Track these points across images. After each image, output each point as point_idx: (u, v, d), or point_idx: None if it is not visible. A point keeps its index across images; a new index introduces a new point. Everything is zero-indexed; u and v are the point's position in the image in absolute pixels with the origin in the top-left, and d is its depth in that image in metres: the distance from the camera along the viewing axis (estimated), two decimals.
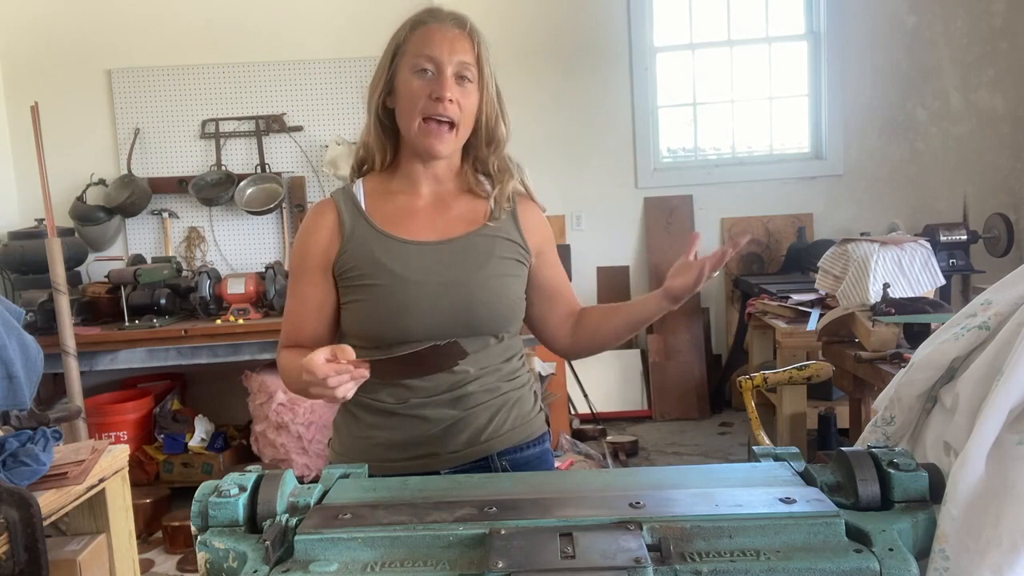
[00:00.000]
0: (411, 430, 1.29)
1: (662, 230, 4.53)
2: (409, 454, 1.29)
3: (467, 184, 1.37)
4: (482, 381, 1.31)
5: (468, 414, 1.30)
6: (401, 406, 1.29)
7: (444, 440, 1.29)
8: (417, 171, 1.35)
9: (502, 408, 1.33)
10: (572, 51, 4.40)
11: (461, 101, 1.28)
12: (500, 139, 1.36)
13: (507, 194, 1.36)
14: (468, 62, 1.28)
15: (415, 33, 1.29)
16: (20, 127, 3.92)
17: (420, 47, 1.28)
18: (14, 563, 1.41)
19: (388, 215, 1.33)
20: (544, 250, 1.41)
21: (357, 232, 1.31)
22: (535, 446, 1.37)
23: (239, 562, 0.79)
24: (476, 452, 1.30)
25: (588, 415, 4.26)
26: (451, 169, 1.37)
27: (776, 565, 0.72)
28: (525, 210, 1.40)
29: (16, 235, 3.81)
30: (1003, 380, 0.85)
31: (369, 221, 1.32)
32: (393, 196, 1.35)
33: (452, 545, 0.77)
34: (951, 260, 3.68)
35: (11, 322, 2.05)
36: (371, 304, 1.28)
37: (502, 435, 1.32)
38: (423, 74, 1.27)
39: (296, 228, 4.21)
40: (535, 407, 1.41)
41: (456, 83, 1.27)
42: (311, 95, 4.23)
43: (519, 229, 1.37)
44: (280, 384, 3.46)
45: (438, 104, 1.26)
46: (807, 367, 2.46)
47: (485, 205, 1.36)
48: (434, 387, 1.28)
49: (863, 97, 4.46)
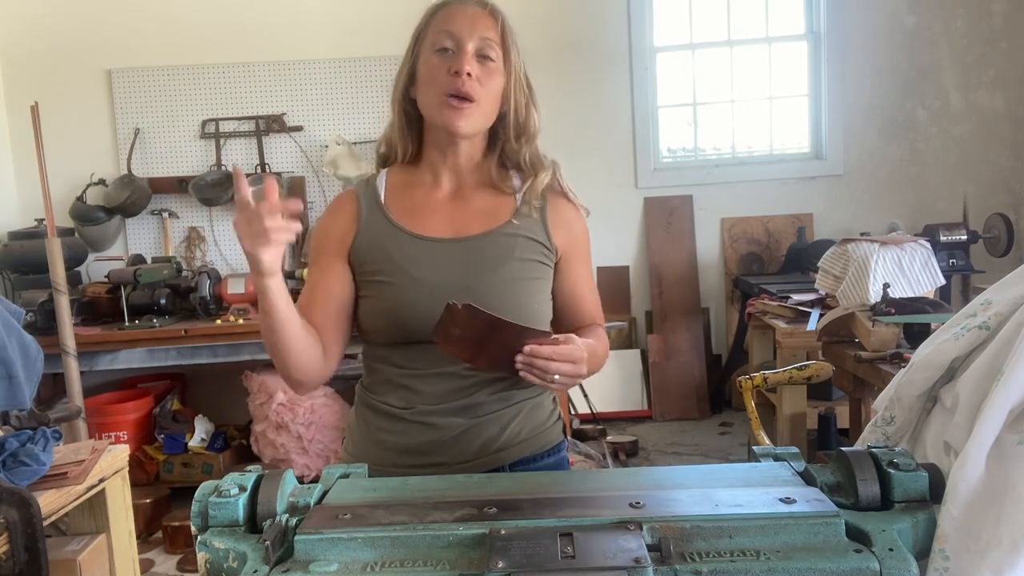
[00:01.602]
0: (419, 436, 1.25)
1: (662, 230, 4.53)
2: (418, 461, 1.24)
3: (489, 178, 1.31)
4: (493, 389, 1.24)
5: (479, 423, 1.24)
6: (408, 411, 1.25)
7: (454, 449, 1.24)
8: (437, 161, 1.29)
9: (516, 418, 1.27)
10: (572, 51, 4.40)
11: (483, 78, 1.22)
12: (532, 130, 1.29)
13: (538, 190, 1.29)
14: (490, 38, 1.23)
15: (435, 16, 1.25)
16: (20, 127, 3.92)
17: (440, 24, 1.23)
18: (14, 563, 1.41)
19: (406, 208, 1.29)
20: (569, 253, 1.31)
21: (372, 224, 1.28)
22: (551, 455, 1.31)
23: (239, 562, 0.79)
24: (488, 463, 1.24)
25: (588, 415, 4.26)
26: (472, 161, 1.30)
27: (776, 565, 0.72)
28: (557, 208, 1.31)
29: (16, 235, 3.81)
30: (1003, 380, 0.85)
31: (385, 213, 1.29)
32: (412, 188, 1.31)
33: (452, 545, 0.77)
34: (951, 260, 3.67)
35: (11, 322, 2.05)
36: (380, 301, 1.25)
37: (516, 446, 1.26)
38: (443, 53, 1.22)
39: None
40: (553, 415, 1.34)
41: (478, 61, 1.22)
42: (311, 95, 4.23)
43: (546, 228, 1.29)
44: (280, 384, 3.46)
45: (456, 79, 1.20)
46: (807, 367, 2.46)
47: (509, 201, 1.29)
48: (442, 394, 1.24)
49: (863, 97, 4.46)
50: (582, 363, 1.13)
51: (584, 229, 1.36)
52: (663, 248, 4.52)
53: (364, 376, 1.34)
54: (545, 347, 1.10)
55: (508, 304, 1.21)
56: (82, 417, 3.11)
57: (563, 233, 1.30)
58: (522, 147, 1.29)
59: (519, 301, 1.24)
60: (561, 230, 1.30)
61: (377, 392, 1.30)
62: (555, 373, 1.10)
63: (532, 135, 1.30)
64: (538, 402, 1.31)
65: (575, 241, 1.33)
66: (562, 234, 1.30)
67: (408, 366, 1.26)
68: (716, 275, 4.60)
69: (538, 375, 1.11)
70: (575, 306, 1.33)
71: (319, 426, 3.42)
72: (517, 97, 1.27)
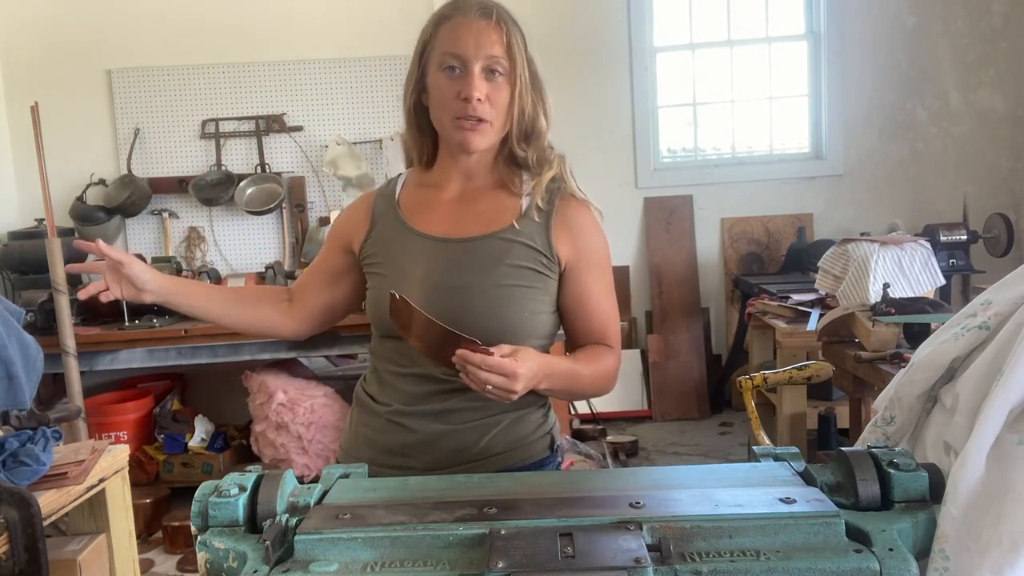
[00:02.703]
0: (393, 436, 1.26)
1: (662, 230, 4.53)
2: (391, 461, 1.25)
3: (499, 178, 1.30)
4: (470, 396, 1.19)
5: (454, 430, 1.23)
6: (385, 410, 1.27)
7: (427, 454, 1.24)
8: (450, 165, 1.31)
9: (494, 429, 1.24)
10: (572, 51, 4.39)
11: (492, 96, 1.22)
12: (540, 130, 1.28)
13: (543, 188, 1.26)
14: (497, 55, 1.21)
15: (441, 29, 1.24)
16: (20, 127, 3.92)
17: (446, 44, 1.22)
18: (14, 563, 1.41)
19: (414, 206, 1.32)
20: (575, 264, 1.27)
21: (383, 220, 1.33)
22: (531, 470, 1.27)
23: (239, 562, 0.79)
24: (459, 471, 1.21)
25: (588, 415, 4.26)
26: (483, 164, 1.30)
27: (776, 565, 0.72)
28: (565, 215, 1.27)
29: (16, 235, 3.81)
30: (1003, 380, 0.85)
31: (397, 211, 1.32)
32: (425, 188, 1.34)
33: (452, 545, 0.77)
34: (951, 260, 3.67)
35: (11, 322, 2.05)
36: (375, 291, 1.30)
37: (491, 457, 1.24)
38: (451, 72, 1.22)
39: (296, 228, 4.22)
40: (540, 429, 1.30)
41: (486, 78, 1.21)
42: (311, 95, 4.23)
43: (549, 236, 1.25)
44: (280, 384, 3.46)
45: (466, 105, 1.20)
46: (807, 367, 2.46)
47: (515, 203, 1.28)
48: (419, 395, 1.24)
49: (863, 97, 4.46)
50: (515, 380, 1.09)
51: (597, 241, 1.30)
52: (663, 248, 4.52)
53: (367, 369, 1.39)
54: (476, 355, 1.08)
55: (493, 308, 1.21)
56: (82, 417, 3.10)
57: (568, 242, 1.26)
58: (529, 147, 1.29)
59: (505, 306, 1.22)
60: (566, 238, 1.26)
61: (368, 384, 1.34)
62: (485, 383, 1.09)
63: (539, 134, 1.28)
64: (522, 415, 1.27)
65: (583, 251, 1.27)
66: (567, 243, 1.26)
67: (393, 361, 1.28)
68: (716, 275, 4.60)
69: (472, 381, 1.10)
70: (580, 320, 1.29)
71: (319, 426, 3.42)
72: (523, 103, 1.25)
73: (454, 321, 1.14)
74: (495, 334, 1.19)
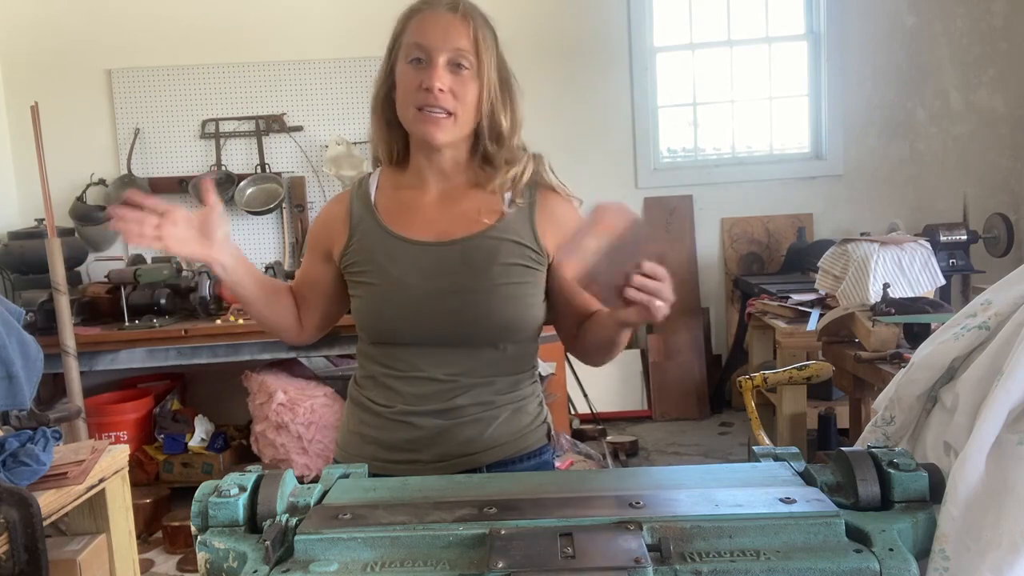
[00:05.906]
0: (399, 433, 1.27)
1: (662, 230, 4.53)
2: (397, 456, 1.26)
3: (476, 178, 1.29)
4: (474, 394, 1.24)
5: (458, 423, 1.25)
6: (388, 410, 1.27)
7: (432, 448, 1.25)
8: (423, 165, 1.29)
9: (495, 420, 1.26)
10: (572, 51, 4.39)
11: (456, 89, 1.21)
12: (503, 130, 1.27)
13: (521, 187, 1.27)
14: (463, 48, 1.21)
15: (410, 22, 1.24)
16: (20, 127, 3.92)
17: (413, 36, 1.22)
18: (14, 563, 1.42)
19: (394, 210, 1.30)
20: None
21: (363, 226, 1.30)
22: (531, 459, 1.30)
23: (239, 562, 0.79)
24: (466, 463, 1.24)
25: (588, 415, 4.26)
26: (458, 163, 1.29)
27: (776, 565, 0.72)
28: (546, 206, 1.28)
29: (16, 235, 3.81)
30: (1003, 380, 0.85)
31: (375, 215, 1.30)
32: (401, 190, 1.31)
33: (452, 545, 0.77)
34: (951, 260, 3.67)
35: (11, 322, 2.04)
36: (366, 301, 1.28)
37: (494, 448, 1.26)
38: (416, 63, 1.21)
39: (296, 228, 4.22)
40: (536, 419, 1.33)
41: (451, 71, 1.21)
42: (311, 95, 4.23)
43: (533, 229, 1.26)
44: (280, 384, 3.46)
45: (428, 95, 1.20)
46: (807, 367, 2.46)
47: (496, 201, 1.27)
48: (423, 396, 1.25)
49: (863, 97, 4.46)
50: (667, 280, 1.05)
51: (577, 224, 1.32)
52: (663, 248, 4.51)
53: (357, 370, 1.37)
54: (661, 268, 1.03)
55: (494, 308, 1.22)
56: (82, 417, 3.10)
57: (553, 233, 1.26)
58: (499, 148, 1.28)
59: (504, 305, 1.22)
60: (550, 230, 1.27)
61: (363, 387, 1.33)
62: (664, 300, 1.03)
63: (503, 135, 1.27)
64: (520, 407, 1.30)
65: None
66: (551, 234, 1.26)
67: (391, 366, 1.28)
68: (716, 275, 4.60)
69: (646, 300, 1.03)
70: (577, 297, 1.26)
71: (319, 426, 3.42)
72: (492, 101, 1.25)
73: (456, 325, 1.17)
74: (495, 333, 1.23)
